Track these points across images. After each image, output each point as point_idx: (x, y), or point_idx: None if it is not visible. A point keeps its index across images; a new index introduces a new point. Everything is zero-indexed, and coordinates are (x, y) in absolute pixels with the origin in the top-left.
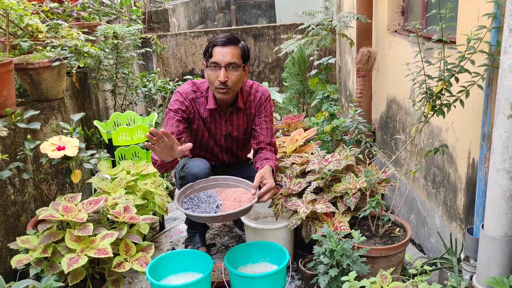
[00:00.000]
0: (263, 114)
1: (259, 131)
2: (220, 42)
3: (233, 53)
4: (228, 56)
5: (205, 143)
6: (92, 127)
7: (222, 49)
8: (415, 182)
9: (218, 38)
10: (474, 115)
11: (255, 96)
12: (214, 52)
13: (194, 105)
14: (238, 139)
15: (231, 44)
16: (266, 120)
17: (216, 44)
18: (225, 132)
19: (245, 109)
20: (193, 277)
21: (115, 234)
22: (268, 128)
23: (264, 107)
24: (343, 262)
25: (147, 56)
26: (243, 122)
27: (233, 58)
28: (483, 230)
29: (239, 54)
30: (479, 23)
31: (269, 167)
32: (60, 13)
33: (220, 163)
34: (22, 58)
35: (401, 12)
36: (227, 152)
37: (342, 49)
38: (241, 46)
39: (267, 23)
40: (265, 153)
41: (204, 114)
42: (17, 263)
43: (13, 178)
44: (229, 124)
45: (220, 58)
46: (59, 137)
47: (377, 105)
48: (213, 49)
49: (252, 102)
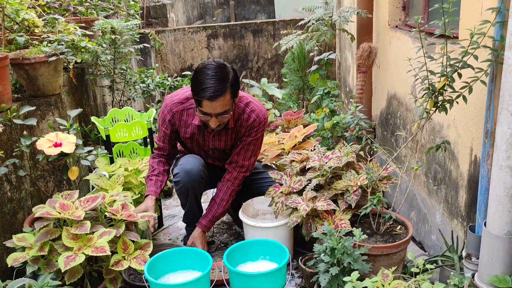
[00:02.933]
0: (251, 138)
1: (237, 152)
2: (208, 96)
3: (223, 103)
4: (218, 108)
5: (194, 151)
6: (89, 123)
7: (212, 103)
8: (416, 179)
9: (205, 89)
10: (476, 111)
11: (249, 116)
12: (203, 105)
13: (180, 118)
14: (225, 152)
15: (220, 95)
16: (250, 144)
17: (204, 98)
18: (212, 146)
19: (235, 126)
20: (192, 275)
21: (113, 232)
22: (248, 150)
23: (256, 131)
24: (344, 261)
25: (145, 52)
26: (231, 138)
27: (224, 108)
28: (485, 228)
29: (229, 98)
30: (483, 17)
31: (200, 231)
32: (57, 8)
33: (213, 165)
34: (18, 53)
35: (402, 7)
36: (216, 160)
37: (342, 45)
38: (230, 86)
39: (266, 18)
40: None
41: (192, 127)
42: (13, 261)
43: (9, 175)
44: (216, 140)
45: (210, 111)
46: (56, 134)
47: (377, 101)
48: (202, 102)
49: (245, 121)
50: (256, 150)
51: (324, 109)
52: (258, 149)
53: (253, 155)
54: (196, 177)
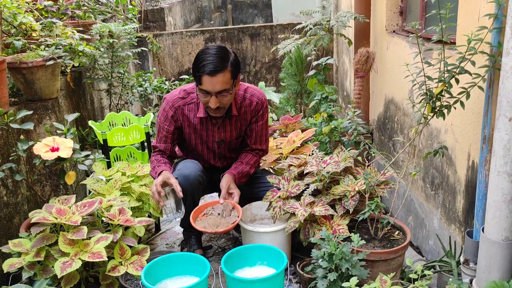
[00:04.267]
0: (260, 122)
1: (252, 139)
2: (208, 71)
3: (223, 80)
4: (218, 85)
5: (197, 149)
6: (87, 127)
7: (212, 79)
8: (414, 184)
9: (206, 64)
10: (474, 116)
11: (251, 101)
12: (203, 81)
13: (182, 113)
14: (231, 143)
15: (220, 71)
16: (262, 128)
17: (204, 73)
18: (217, 139)
19: (239, 114)
20: (189, 280)
21: (110, 237)
22: (263, 135)
23: (262, 114)
24: (342, 266)
25: (143, 55)
26: (237, 127)
27: (223, 86)
28: (483, 234)
29: (229, 77)
30: (480, 23)
31: (230, 176)
32: (55, 11)
33: (214, 167)
34: (15, 57)
35: (400, 12)
36: (220, 158)
37: (339, 49)
38: (231, 65)
39: (264, 22)
40: (246, 156)
41: (194, 121)
42: (9, 267)
43: (5, 179)
44: (222, 131)
45: (210, 88)
46: (53, 138)
47: (374, 106)
48: (201, 78)
49: (248, 107)
50: (268, 133)
51: (322, 114)
52: (268, 133)
53: (267, 139)
54: (195, 182)
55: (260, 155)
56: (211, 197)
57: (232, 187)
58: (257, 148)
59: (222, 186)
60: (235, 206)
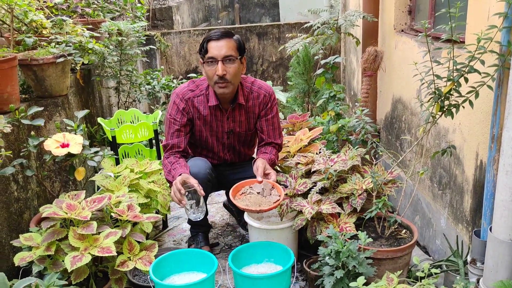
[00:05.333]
0: (270, 115)
1: (266, 134)
2: (215, 36)
3: (229, 45)
4: (224, 49)
5: (206, 142)
6: (95, 124)
7: (217, 43)
8: (421, 183)
9: (212, 33)
10: (482, 116)
11: (259, 93)
12: (209, 47)
13: (192, 105)
14: (240, 135)
15: (225, 37)
16: (273, 122)
17: (210, 39)
18: (227, 129)
19: (247, 106)
20: (196, 276)
21: (119, 232)
22: (275, 128)
23: (270, 107)
24: (349, 264)
25: (151, 54)
26: (245, 118)
27: (229, 51)
28: (491, 233)
29: (235, 47)
30: (490, 22)
31: (264, 159)
32: (65, 9)
33: (223, 161)
34: (26, 54)
35: (408, 11)
36: (230, 150)
37: (347, 48)
38: (236, 39)
39: (271, 21)
40: (265, 148)
41: (204, 112)
42: (20, 261)
43: (16, 174)
44: (231, 121)
45: (216, 52)
46: (63, 134)
47: (382, 105)
48: (208, 44)
49: (256, 99)
50: (280, 127)
51: (330, 113)
52: (281, 127)
53: (281, 134)
54: (204, 180)
55: (276, 149)
56: (218, 195)
57: (268, 168)
58: (272, 142)
59: (258, 166)
60: (274, 185)
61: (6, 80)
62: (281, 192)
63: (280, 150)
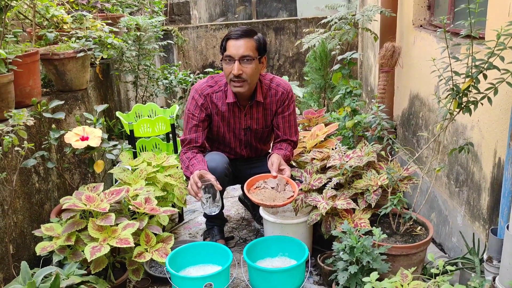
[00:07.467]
0: (287, 113)
1: (282, 130)
2: (234, 35)
3: (247, 45)
4: (242, 49)
5: (224, 137)
6: (113, 118)
7: (236, 42)
8: (437, 181)
9: (232, 31)
10: (501, 113)
11: (277, 90)
12: (228, 46)
13: (211, 100)
14: (257, 131)
15: (245, 37)
16: (289, 119)
17: (230, 38)
18: (244, 126)
19: (265, 103)
20: (211, 269)
21: (136, 224)
22: (292, 126)
23: (288, 105)
24: (363, 259)
25: (168, 49)
26: (263, 115)
27: (247, 51)
28: (508, 231)
29: (254, 47)
30: (510, 18)
31: (279, 155)
32: (85, 4)
33: (239, 157)
34: (47, 48)
35: (427, 6)
36: (246, 146)
37: (364, 44)
38: (256, 39)
39: (288, 16)
40: (281, 144)
41: (222, 108)
42: (41, 250)
43: (37, 166)
44: (248, 118)
45: (233, 51)
46: (83, 128)
47: (399, 101)
48: (227, 43)
49: (274, 96)
50: (296, 125)
51: (346, 108)
52: (297, 124)
53: (297, 131)
54: (221, 174)
55: (292, 146)
56: (234, 189)
57: (282, 163)
58: (287, 139)
59: (273, 162)
60: (288, 181)
61: (28, 74)
62: (295, 188)
63: (296, 147)
